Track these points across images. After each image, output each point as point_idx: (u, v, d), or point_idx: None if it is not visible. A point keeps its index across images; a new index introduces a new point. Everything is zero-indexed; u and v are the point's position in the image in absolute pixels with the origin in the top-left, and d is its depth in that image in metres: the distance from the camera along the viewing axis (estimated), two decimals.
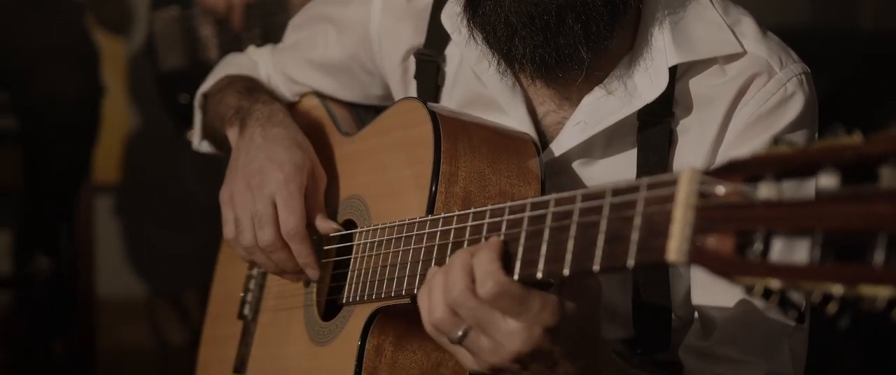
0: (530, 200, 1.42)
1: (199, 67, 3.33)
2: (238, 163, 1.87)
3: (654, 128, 1.72)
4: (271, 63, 2.11)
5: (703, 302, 1.72)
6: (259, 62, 2.13)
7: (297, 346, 1.84)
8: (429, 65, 1.87)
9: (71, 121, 3.69)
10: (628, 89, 1.71)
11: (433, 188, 1.63)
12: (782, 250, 1.09)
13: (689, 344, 1.72)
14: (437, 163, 1.64)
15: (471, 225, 1.50)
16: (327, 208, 1.85)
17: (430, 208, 1.62)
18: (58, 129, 3.68)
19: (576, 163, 1.77)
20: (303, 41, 2.06)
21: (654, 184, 1.25)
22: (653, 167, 1.71)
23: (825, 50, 3.15)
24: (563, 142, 1.76)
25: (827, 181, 1.06)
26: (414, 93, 1.90)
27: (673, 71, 1.70)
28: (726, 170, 1.17)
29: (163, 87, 3.65)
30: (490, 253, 1.40)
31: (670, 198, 1.21)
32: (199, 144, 2.19)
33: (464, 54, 1.79)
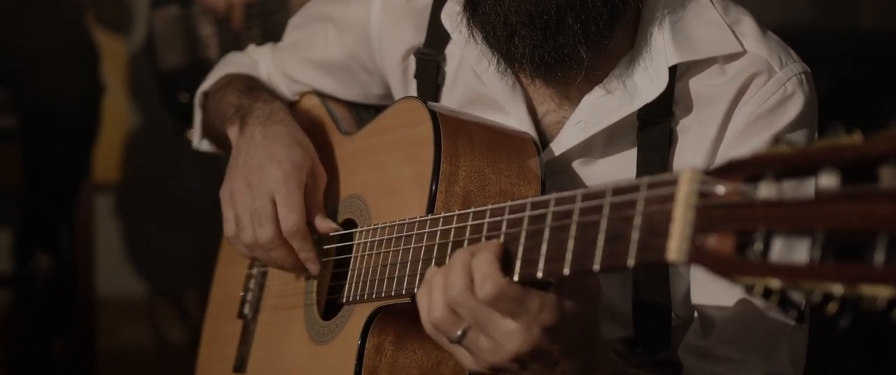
0: (530, 200, 1.42)
1: (199, 66, 3.33)
2: (238, 161, 1.87)
3: (654, 127, 1.72)
4: (271, 62, 2.11)
5: (702, 302, 1.72)
6: (259, 61, 2.13)
7: (298, 345, 1.84)
8: (429, 64, 1.87)
9: (71, 120, 3.69)
10: (628, 89, 1.71)
11: (433, 187, 1.63)
12: (782, 250, 1.09)
13: (689, 344, 1.72)
14: (438, 163, 1.64)
15: (471, 225, 1.50)
16: (327, 207, 1.85)
17: (430, 207, 1.62)
18: (58, 128, 3.68)
19: (576, 163, 1.77)
20: (303, 40, 2.06)
21: (655, 184, 1.25)
22: (653, 166, 1.71)
23: (825, 49, 3.16)
24: (563, 141, 1.75)
25: (827, 181, 1.06)
26: (414, 93, 1.90)
27: (673, 70, 1.69)
28: (726, 169, 1.17)
29: (163, 86, 3.64)
30: (489, 255, 1.40)
31: (670, 198, 1.21)
32: (200, 143, 2.19)
33: (464, 53, 1.79)
